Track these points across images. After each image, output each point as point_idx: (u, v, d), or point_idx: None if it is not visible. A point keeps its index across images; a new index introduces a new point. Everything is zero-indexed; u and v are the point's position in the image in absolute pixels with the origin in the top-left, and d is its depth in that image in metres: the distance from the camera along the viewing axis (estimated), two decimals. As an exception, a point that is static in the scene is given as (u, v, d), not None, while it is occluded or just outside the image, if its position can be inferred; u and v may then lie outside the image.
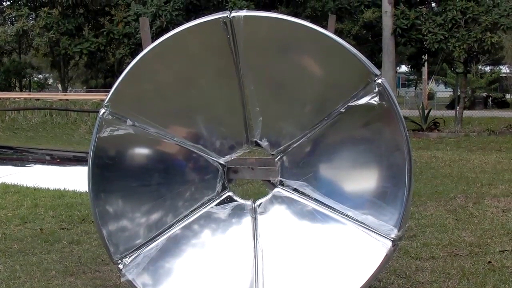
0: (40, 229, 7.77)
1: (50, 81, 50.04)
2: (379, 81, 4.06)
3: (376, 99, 4.08)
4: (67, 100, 18.68)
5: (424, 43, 22.26)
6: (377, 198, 4.26)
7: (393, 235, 4.14)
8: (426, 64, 33.15)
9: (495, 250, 6.68)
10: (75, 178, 11.33)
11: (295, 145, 4.45)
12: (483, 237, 7.17)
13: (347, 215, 4.33)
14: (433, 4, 25.26)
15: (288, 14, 18.58)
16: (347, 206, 4.34)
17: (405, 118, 6.13)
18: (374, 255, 4.18)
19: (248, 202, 4.69)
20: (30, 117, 18.29)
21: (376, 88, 4.06)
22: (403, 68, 52.72)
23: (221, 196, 4.67)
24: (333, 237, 4.38)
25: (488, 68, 54.08)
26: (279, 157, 4.53)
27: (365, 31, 23.90)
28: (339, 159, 4.43)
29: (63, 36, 24.03)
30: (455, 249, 6.74)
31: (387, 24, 22.07)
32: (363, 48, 23.31)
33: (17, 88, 34.04)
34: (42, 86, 42.84)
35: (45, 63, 36.53)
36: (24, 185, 10.99)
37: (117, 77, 4.38)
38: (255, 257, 4.44)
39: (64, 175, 13.23)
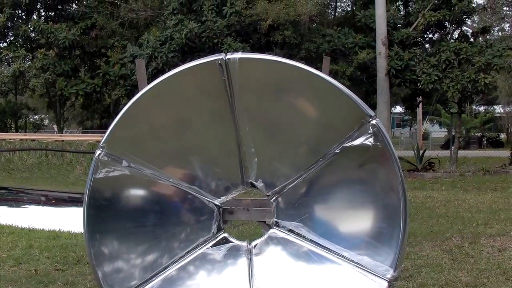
0: (35, 270, 7.73)
1: (46, 122, 50.04)
2: (373, 122, 4.09)
3: (371, 140, 4.10)
4: (62, 141, 18.65)
5: (418, 84, 22.41)
6: (373, 238, 4.26)
7: (389, 276, 4.13)
8: (420, 104, 33.33)
9: (491, 290, 6.66)
10: (70, 219, 11.30)
11: (290, 186, 4.46)
12: (479, 277, 7.15)
13: (342, 256, 4.32)
14: (427, 45, 25.48)
15: (283, 56, 18.73)
16: (343, 247, 4.33)
17: (400, 158, 6.14)
18: (370, 296, 4.16)
19: (244, 243, 4.68)
20: (25, 158, 18.25)
21: (371, 129, 4.09)
22: (398, 109, 52.95)
23: (217, 237, 4.66)
24: (329, 278, 4.37)
25: (482, 108, 54.38)
26: (274, 198, 4.53)
27: (359, 72, 24.04)
28: (334, 199, 4.44)
29: (60, 77, 24.13)
30: (452, 289, 6.72)
31: (381, 65, 22.24)
32: (358, 89, 23.42)
33: (13, 128, 34.03)
34: (38, 127, 42.85)
35: (41, 104, 36.59)
36: (19, 226, 10.95)
37: (113, 118, 4.40)
38: (251, 298, 4.42)
39: (59, 216, 13.19)
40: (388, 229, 4.19)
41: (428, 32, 24.97)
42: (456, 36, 24.91)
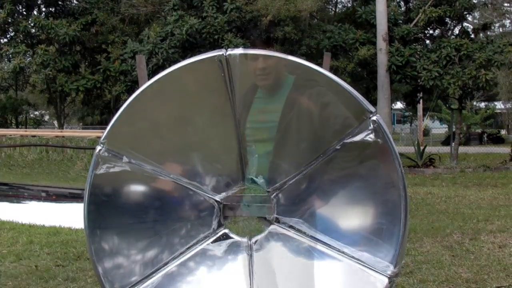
0: (35, 266, 7.73)
1: (47, 118, 50.05)
2: (374, 118, 4.08)
3: (371, 136, 4.08)
4: (63, 137, 18.63)
5: (419, 80, 22.39)
6: (373, 234, 4.25)
7: (389, 272, 4.12)
8: (421, 101, 33.32)
9: (492, 286, 6.67)
10: (70, 215, 11.30)
11: (290, 182, 4.45)
12: (479, 273, 7.16)
13: (343, 252, 4.31)
14: (428, 42, 25.46)
15: (283, 52, 18.72)
16: (343, 243, 4.33)
17: (401, 154, 6.15)
18: (371, 292, 4.16)
19: (244, 239, 4.68)
20: (26, 154, 18.25)
21: (371, 125, 4.08)
22: (398, 105, 52.93)
23: (217, 233, 4.65)
24: (329, 274, 4.37)
25: (483, 104, 54.33)
26: (274, 194, 4.53)
27: (360, 69, 24.05)
28: (335, 196, 4.43)
29: (60, 73, 24.15)
30: (452, 285, 6.73)
31: (382, 61, 22.24)
32: (358, 85, 23.46)
33: (13, 124, 34.04)
34: (38, 123, 42.88)
35: (41, 100, 36.60)
36: (20, 222, 10.97)
37: (114, 114, 4.39)
38: (251, 294, 4.42)
39: (60, 212, 13.21)
40: (389, 225, 4.18)
41: (428, 28, 24.94)
42: (457, 32, 24.91)
